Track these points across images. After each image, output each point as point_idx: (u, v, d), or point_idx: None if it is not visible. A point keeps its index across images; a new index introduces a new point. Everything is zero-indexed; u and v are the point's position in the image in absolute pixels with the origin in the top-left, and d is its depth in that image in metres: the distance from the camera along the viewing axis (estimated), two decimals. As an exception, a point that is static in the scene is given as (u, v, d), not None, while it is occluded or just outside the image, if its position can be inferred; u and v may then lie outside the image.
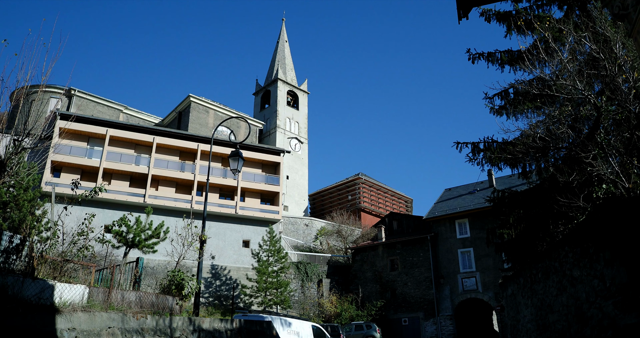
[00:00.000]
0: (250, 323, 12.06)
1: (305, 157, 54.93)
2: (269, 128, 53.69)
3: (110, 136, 32.94)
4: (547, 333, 7.54)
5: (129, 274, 11.36)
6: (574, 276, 6.13)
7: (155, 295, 9.73)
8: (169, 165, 34.43)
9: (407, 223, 40.30)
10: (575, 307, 6.11)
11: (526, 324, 9.13)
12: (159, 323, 8.94)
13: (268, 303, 31.73)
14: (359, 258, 39.56)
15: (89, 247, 8.46)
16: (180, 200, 33.38)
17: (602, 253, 5.21)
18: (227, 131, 47.66)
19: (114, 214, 28.14)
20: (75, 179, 8.87)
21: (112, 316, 7.92)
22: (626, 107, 8.90)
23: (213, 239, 33.68)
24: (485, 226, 20.68)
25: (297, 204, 51.71)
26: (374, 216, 53.25)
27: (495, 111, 12.96)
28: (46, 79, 7.69)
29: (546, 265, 7.35)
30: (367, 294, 37.06)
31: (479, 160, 12.51)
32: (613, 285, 4.96)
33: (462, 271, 33.83)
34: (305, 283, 37.19)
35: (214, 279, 33.39)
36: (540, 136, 10.64)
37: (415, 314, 34.78)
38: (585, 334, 5.81)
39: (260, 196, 37.90)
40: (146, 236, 13.73)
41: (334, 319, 34.12)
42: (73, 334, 6.99)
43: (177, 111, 48.02)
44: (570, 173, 9.72)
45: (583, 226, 5.79)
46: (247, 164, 37.04)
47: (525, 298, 9.08)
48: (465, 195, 38.40)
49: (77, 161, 31.29)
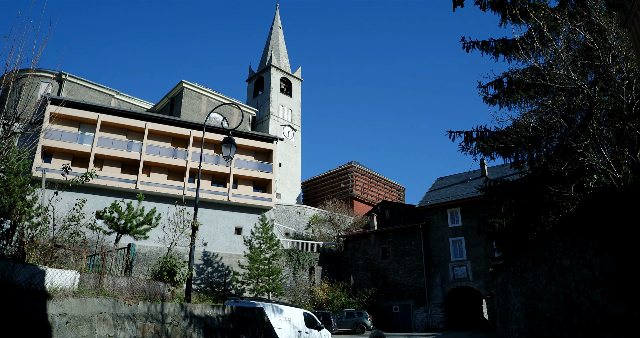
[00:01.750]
0: (242, 310, 12.11)
1: (298, 145, 54.82)
2: (262, 115, 53.43)
3: (102, 122, 32.62)
4: (536, 321, 7.63)
5: (120, 260, 11.33)
6: (563, 266, 6.19)
7: (147, 281, 9.72)
8: (161, 151, 34.23)
9: (400, 212, 40.49)
10: (564, 295, 6.18)
11: (515, 312, 9.24)
12: (151, 309, 8.95)
13: (260, 290, 31.89)
14: (351, 246, 39.77)
15: (80, 233, 8.41)
16: (173, 187, 33.26)
17: (591, 243, 5.25)
18: (220, 118, 47.38)
19: (105, 200, 28.01)
20: (66, 164, 8.78)
21: (104, 302, 7.91)
22: (619, 98, 8.92)
23: (205, 226, 33.67)
24: (477, 215, 20.84)
25: (289, 192, 51.73)
26: (366, 204, 53.44)
27: (488, 100, 12.94)
28: (36, 63, 7.55)
29: (536, 254, 7.41)
30: (358, 282, 37.34)
31: (472, 149, 12.53)
32: (602, 274, 5.01)
33: (453, 259, 34.14)
34: (297, 270, 37.38)
35: (206, 266, 33.46)
36: (533, 125, 10.66)
37: (406, 302, 35.13)
38: (574, 322, 5.88)
39: (253, 183, 37.86)
40: (138, 223, 13.67)
41: (325, 306, 34.40)
42: (64, 319, 6.98)
43: (170, 97, 47.61)
44: (562, 162, 9.77)
45: (573, 215, 5.83)
46: (240, 151, 36.92)
47: (515, 287, 9.17)
48: (458, 184, 38.60)
49: (68, 147, 31.01)
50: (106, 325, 7.74)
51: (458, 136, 12.55)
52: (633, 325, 4.41)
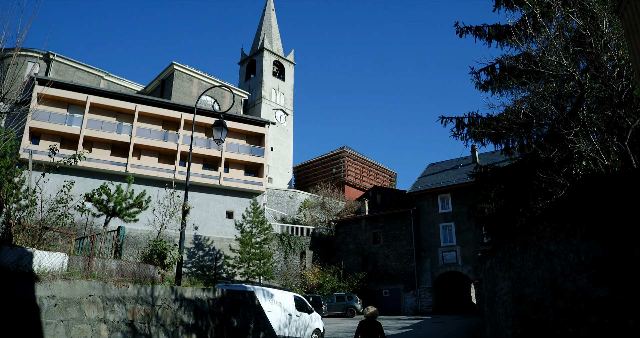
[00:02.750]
0: (232, 293, 12.16)
1: (290, 129, 54.61)
2: (254, 98, 53.04)
3: (91, 103, 32.21)
4: (523, 305, 7.75)
5: (109, 243, 11.29)
6: (550, 251, 6.26)
7: (137, 264, 9.71)
8: (151, 134, 33.94)
9: (391, 197, 40.69)
10: (551, 279, 6.26)
11: (503, 296, 9.37)
12: (141, 291, 8.96)
13: (251, 273, 32.07)
14: (342, 231, 40.00)
15: (68, 215, 8.34)
16: (163, 170, 33.09)
17: (578, 228, 5.31)
18: (211, 101, 46.98)
19: (94, 183, 27.81)
20: (53, 145, 8.66)
21: (93, 284, 7.90)
22: (609, 85, 8.94)
23: (196, 210, 33.63)
24: (467, 201, 20.99)
25: (281, 177, 51.71)
26: (358, 189, 53.61)
27: (480, 86, 12.92)
28: (22, 41, 7.38)
29: (524, 239, 7.49)
30: (349, 266, 37.66)
31: (463, 135, 12.54)
32: (588, 259, 5.07)
33: (443, 245, 34.50)
34: (289, 254, 37.59)
35: (197, 249, 33.53)
36: (524, 112, 10.68)
37: (396, 286, 35.55)
38: (559, 306, 5.97)
39: (245, 167, 37.77)
40: (127, 205, 13.59)
41: (316, 290, 34.72)
42: (53, 302, 6.97)
43: (160, 79, 47.04)
44: (551, 149, 9.82)
45: (562, 201, 5.87)
46: (232, 135, 36.72)
47: (503, 271, 9.29)
48: (449, 170, 38.79)
49: (56, 128, 30.63)
50: (96, 308, 7.75)
51: (450, 121, 12.54)
52: (616, 309, 4.49)
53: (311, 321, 17.53)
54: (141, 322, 8.69)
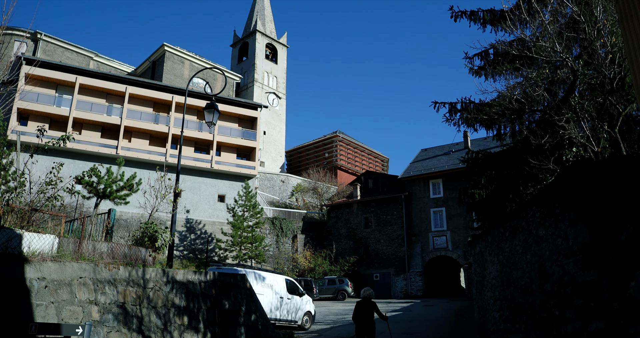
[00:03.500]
0: (224, 276, 12.22)
1: (283, 113, 54.33)
2: (246, 81, 52.58)
3: (80, 84, 31.73)
4: (510, 289, 7.86)
5: (100, 225, 11.25)
6: (539, 235, 6.32)
7: (128, 247, 9.70)
8: (142, 116, 33.59)
9: (383, 182, 40.83)
10: (539, 264, 6.34)
11: (491, 280, 9.50)
12: (132, 274, 8.97)
13: (243, 257, 32.21)
14: (333, 215, 40.18)
15: (58, 197, 8.27)
16: (154, 153, 32.86)
17: (567, 214, 5.36)
18: (203, 83, 46.53)
19: (84, 165, 27.57)
20: (41, 126, 8.54)
21: (84, 266, 7.89)
22: (602, 72, 8.96)
23: (188, 193, 33.56)
24: (458, 186, 21.13)
25: (273, 161, 51.62)
26: (350, 174, 53.71)
27: (474, 71, 12.87)
28: (7, 19, 7.23)
29: (514, 224, 7.56)
30: (340, 250, 37.94)
31: (456, 121, 12.53)
32: (575, 243, 5.13)
33: (434, 229, 34.81)
34: (280, 238, 37.75)
35: (188, 233, 33.55)
36: (517, 97, 10.69)
37: (387, 270, 35.92)
38: (546, 290, 6.06)
39: (237, 151, 37.62)
40: (118, 188, 13.50)
41: (307, 274, 35.00)
42: (43, 284, 6.96)
43: (151, 61, 46.41)
44: (543, 135, 9.86)
45: (551, 187, 5.92)
46: (224, 118, 36.45)
47: (492, 256, 9.40)
48: (441, 156, 38.93)
49: (45, 109, 30.18)
50: (86, 290, 7.75)
51: (442, 107, 12.52)
52: (602, 293, 4.56)
53: (302, 304, 17.70)
54: (132, 304, 8.72)
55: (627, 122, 9.74)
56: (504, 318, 8.30)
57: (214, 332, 10.87)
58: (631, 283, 4.09)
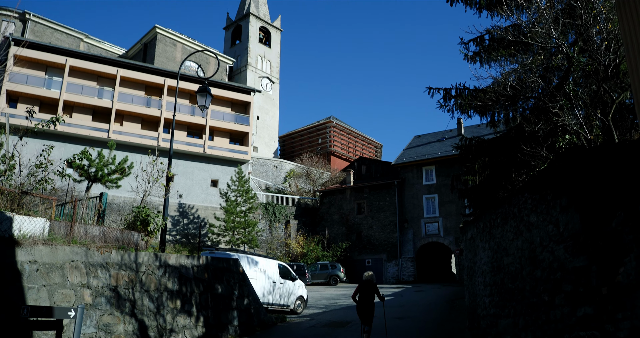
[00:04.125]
0: (217, 260, 12.25)
1: (276, 97, 53.99)
2: (239, 65, 52.08)
3: (70, 66, 31.25)
4: (501, 275, 7.94)
5: (92, 209, 11.19)
6: (530, 222, 6.36)
7: (120, 231, 9.67)
8: (134, 100, 33.24)
9: (376, 168, 40.91)
10: (529, 250, 6.40)
11: (482, 266, 9.59)
12: (124, 258, 8.96)
13: (236, 242, 32.29)
14: (326, 201, 40.29)
15: (48, 180, 8.19)
16: (146, 137, 32.61)
17: (559, 200, 5.39)
18: (195, 67, 46.04)
19: (75, 148, 27.28)
20: (30, 108, 8.42)
21: (75, 250, 7.87)
22: (597, 59, 8.93)
23: (181, 177, 33.45)
24: (451, 173, 21.20)
25: (266, 146, 51.46)
26: (343, 160, 53.73)
27: (469, 57, 12.77)
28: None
29: (505, 210, 7.60)
30: (333, 236, 38.14)
31: (450, 107, 12.46)
32: (566, 230, 5.17)
33: (426, 216, 35.03)
34: (273, 223, 37.85)
35: (181, 217, 33.53)
36: (512, 84, 10.65)
37: (379, 256, 36.19)
38: (536, 275, 6.12)
39: (230, 135, 37.44)
40: (109, 171, 13.40)
41: (300, 259, 35.20)
42: (34, 267, 6.93)
43: (142, 43, 45.77)
44: (536, 122, 9.86)
45: (544, 173, 5.94)
46: (216, 102, 36.19)
47: (483, 242, 9.47)
48: (434, 143, 38.99)
49: (34, 92, 29.75)
50: (78, 273, 7.74)
51: (437, 92, 12.44)
52: (590, 278, 4.61)
53: (295, 288, 17.83)
54: (125, 287, 8.73)
55: (620, 110, 9.75)
56: (494, 304, 8.41)
57: (207, 315, 10.94)
58: (620, 270, 4.13)
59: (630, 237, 4.02)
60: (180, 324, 9.94)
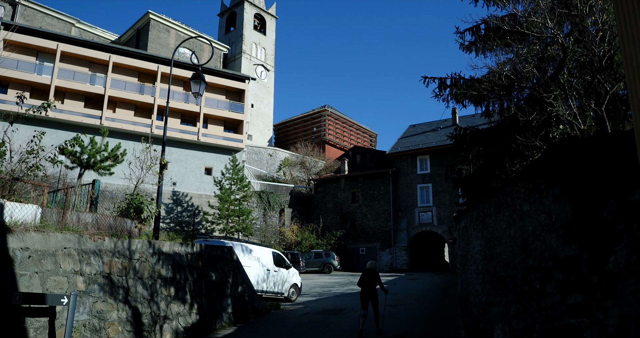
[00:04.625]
0: (211, 248, 12.26)
1: (271, 85, 53.70)
2: (234, 52, 51.65)
3: (62, 52, 30.82)
4: (493, 263, 8.01)
5: (84, 196, 11.13)
6: (523, 211, 6.40)
7: (113, 218, 9.64)
8: (127, 86, 32.90)
9: (370, 157, 40.95)
10: (522, 239, 6.44)
11: (475, 255, 9.66)
12: (118, 245, 8.94)
13: (230, 230, 32.32)
14: (321, 190, 40.34)
15: (40, 167, 8.12)
16: (140, 124, 32.37)
17: (552, 190, 5.41)
18: (189, 53, 45.61)
19: (67, 135, 27.09)
20: (20, 93, 8.30)
21: (68, 237, 7.84)
22: (591, 50, 8.93)
23: (174, 165, 33.32)
24: (445, 163, 21.26)
25: (261, 134, 51.30)
26: (338, 149, 53.71)
27: (465, 47, 12.72)
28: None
29: (499, 199, 7.63)
30: (327, 224, 38.27)
31: (445, 96, 12.45)
32: (558, 219, 5.21)
33: (420, 205, 35.19)
34: (268, 212, 37.89)
35: (175, 205, 33.47)
36: (507, 74, 10.64)
37: (373, 244, 36.40)
38: (528, 264, 6.18)
39: (224, 123, 37.25)
40: (102, 158, 13.29)
41: (294, 247, 35.33)
42: (26, 254, 6.90)
43: (135, 29, 45.24)
44: (531, 112, 9.87)
45: (537, 163, 5.96)
46: (211, 89, 35.93)
47: (477, 231, 9.53)
48: (429, 132, 39.02)
49: (25, 77, 29.33)
50: (71, 260, 7.72)
51: (432, 82, 12.41)
52: (581, 267, 4.66)
53: (289, 276, 17.91)
54: (118, 274, 8.73)
55: (614, 101, 9.78)
56: (486, 292, 8.49)
57: (201, 303, 10.98)
58: (610, 258, 4.17)
59: (621, 226, 4.05)
60: (174, 311, 9.97)
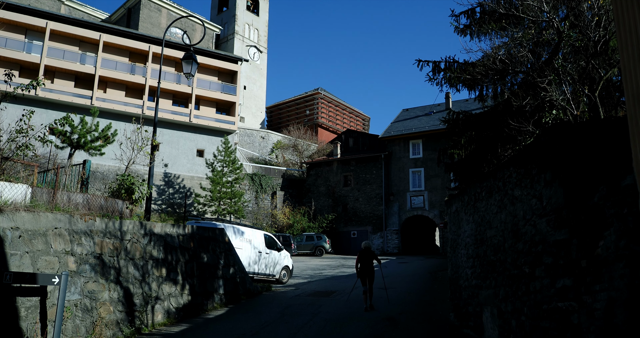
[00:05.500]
0: (202, 230, 12.27)
1: (264, 67, 53.19)
2: (226, 33, 50.96)
3: (51, 30, 30.22)
4: (484, 247, 8.09)
5: (75, 176, 11.03)
6: (514, 196, 6.44)
7: (104, 199, 9.58)
8: (117, 66, 32.43)
9: (363, 141, 40.92)
10: (512, 223, 6.50)
11: (465, 239, 9.75)
12: (109, 225, 8.91)
13: (222, 212, 32.34)
14: (313, 173, 40.36)
15: (29, 146, 8.01)
16: (131, 105, 32.00)
17: (543, 175, 5.44)
18: (181, 33, 44.94)
19: (58, 115, 26.65)
20: (9, 70, 8.14)
21: (59, 217, 7.79)
22: (587, 35, 8.89)
23: (166, 147, 33.11)
24: (438, 147, 21.32)
25: (253, 116, 51.00)
26: (330, 132, 53.58)
27: (459, 30, 12.61)
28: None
29: (490, 184, 7.67)
30: (319, 207, 38.39)
31: (439, 80, 12.39)
32: (549, 204, 5.24)
33: (412, 189, 35.35)
34: (260, 194, 37.90)
35: (167, 187, 33.36)
36: (501, 58, 10.59)
37: (364, 228, 36.63)
38: (518, 248, 6.24)
39: (216, 105, 36.95)
40: (92, 138, 13.14)
41: (286, 230, 35.48)
42: (17, 233, 6.86)
43: (126, 8, 44.41)
44: (524, 97, 9.87)
45: (529, 148, 5.97)
46: (203, 71, 35.53)
47: (468, 215, 9.59)
48: (422, 116, 38.99)
49: (14, 56, 28.78)
50: (62, 240, 7.69)
51: (426, 65, 12.33)
52: (571, 251, 4.71)
53: (280, 258, 18.01)
54: (110, 255, 8.72)
55: (607, 87, 9.78)
56: (476, 275, 8.59)
57: (192, 284, 11.02)
58: (600, 243, 4.22)
59: (611, 211, 4.09)
60: (166, 292, 10.01)
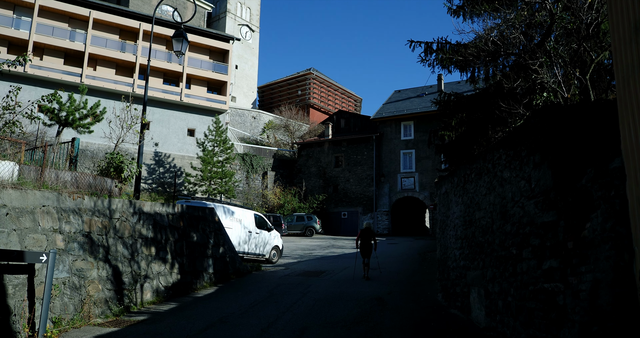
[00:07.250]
0: (192, 209, 12.25)
1: (256, 47, 52.52)
2: (218, 11, 50.09)
3: (40, 6, 29.53)
4: (472, 228, 8.16)
5: (63, 154, 10.91)
6: (503, 178, 6.47)
7: (93, 177, 9.50)
8: (107, 44, 31.85)
9: (355, 122, 40.82)
10: (501, 205, 6.55)
11: (455, 220, 9.83)
12: (97, 204, 8.86)
13: (212, 192, 32.30)
14: (304, 153, 40.30)
15: (17, 123, 7.88)
16: (121, 83, 31.55)
17: (532, 157, 5.46)
18: (172, 11, 44.08)
19: (47, 93, 26.37)
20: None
21: (47, 195, 7.72)
22: (579, 17, 8.84)
23: (157, 126, 32.81)
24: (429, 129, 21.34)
25: (245, 96, 50.56)
26: (322, 113, 53.36)
27: (452, 11, 12.50)
28: None
29: (480, 166, 7.70)
30: (310, 188, 38.47)
31: (431, 61, 12.31)
32: (538, 186, 5.28)
33: (402, 171, 35.48)
34: (250, 174, 37.84)
35: (157, 166, 33.18)
36: (493, 39, 10.53)
37: (355, 208, 36.82)
38: (506, 230, 6.30)
39: (207, 84, 36.53)
40: (81, 115, 12.95)
41: (276, 210, 35.57)
42: (4, 211, 6.80)
43: (116, -16, 43.32)
44: (516, 79, 9.85)
45: (519, 130, 5.98)
46: (194, 49, 35.00)
47: (457, 197, 9.66)
48: (414, 98, 38.88)
49: (1, 32, 28.16)
50: (50, 218, 7.64)
51: (418, 46, 12.23)
52: (558, 233, 4.76)
53: (270, 238, 18.10)
54: (98, 233, 8.69)
55: (598, 70, 9.79)
56: (464, 256, 8.69)
57: (182, 262, 11.06)
58: (587, 225, 4.26)
59: (599, 194, 4.12)
60: (155, 270, 10.04)
